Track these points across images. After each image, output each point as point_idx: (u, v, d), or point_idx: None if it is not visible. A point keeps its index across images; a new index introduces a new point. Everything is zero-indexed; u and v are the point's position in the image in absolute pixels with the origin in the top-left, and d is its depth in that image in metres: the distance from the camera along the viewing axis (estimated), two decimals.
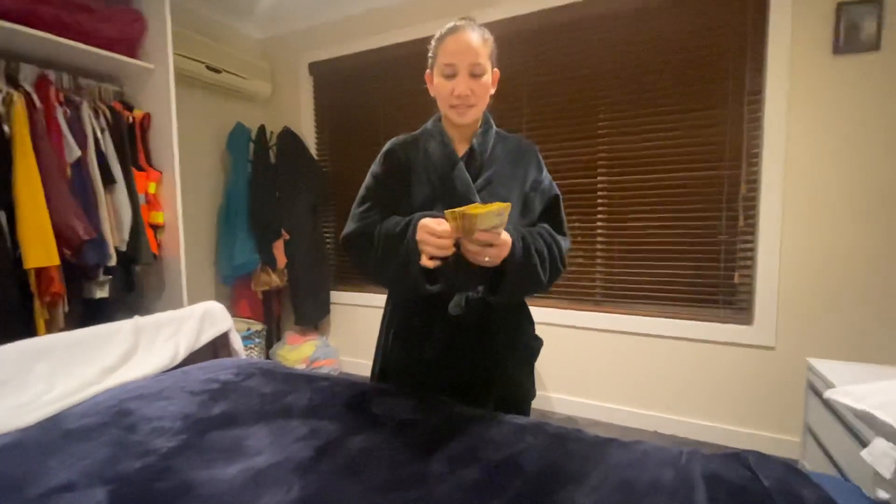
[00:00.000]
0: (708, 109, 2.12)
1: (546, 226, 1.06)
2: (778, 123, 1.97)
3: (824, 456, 1.36)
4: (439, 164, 1.03)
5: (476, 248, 0.87)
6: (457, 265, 0.92)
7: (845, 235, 1.91)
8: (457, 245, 0.88)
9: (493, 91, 1.05)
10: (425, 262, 0.86)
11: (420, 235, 0.88)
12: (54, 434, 0.91)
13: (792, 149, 1.97)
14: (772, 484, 0.72)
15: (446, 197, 1.00)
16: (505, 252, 0.89)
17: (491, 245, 0.87)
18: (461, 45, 0.97)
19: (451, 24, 1.00)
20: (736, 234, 2.11)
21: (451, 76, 0.98)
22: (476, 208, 0.80)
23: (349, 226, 1.05)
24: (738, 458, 0.81)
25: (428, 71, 1.05)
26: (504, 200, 0.91)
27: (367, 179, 1.08)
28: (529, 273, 0.94)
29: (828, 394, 0.85)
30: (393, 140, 1.10)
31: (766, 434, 2.07)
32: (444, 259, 0.87)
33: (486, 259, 0.88)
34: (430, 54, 1.04)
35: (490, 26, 1.05)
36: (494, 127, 1.11)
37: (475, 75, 0.98)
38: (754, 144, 2.05)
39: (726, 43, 2.07)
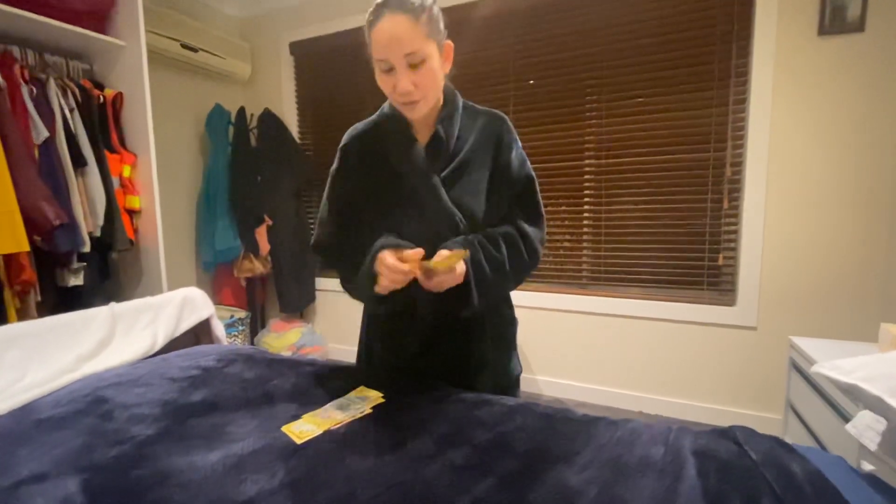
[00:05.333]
0: (695, 92, 2.11)
1: (504, 228, 0.97)
2: (763, 105, 1.98)
3: (806, 431, 1.39)
4: (399, 156, 0.95)
5: (435, 285, 0.85)
6: (418, 293, 0.90)
7: (828, 218, 1.93)
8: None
9: (447, 68, 0.92)
10: (380, 288, 0.87)
11: (379, 268, 0.86)
12: (26, 423, 0.87)
13: (776, 130, 1.97)
14: (759, 457, 0.72)
15: (408, 190, 0.94)
16: (461, 278, 0.87)
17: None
18: (387, 36, 0.82)
19: (375, 3, 0.84)
20: (720, 216, 2.13)
21: (388, 71, 0.86)
22: (438, 263, 0.81)
23: (316, 232, 1.04)
24: (727, 433, 0.82)
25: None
26: (473, 189, 0.94)
27: (328, 180, 1.03)
28: (487, 285, 0.91)
29: (815, 368, 0.85)
30: (349, 133, 1.02)
31: (749, 412, 2.11)
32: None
33: (445, 287, 0.87)
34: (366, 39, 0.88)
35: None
36: (460, 104, 0.99)
37: (414, 65, 0.84)
38: (739, 126, 2.05)
39: (713, 24, 2.05)
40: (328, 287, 3.06)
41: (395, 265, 0.82)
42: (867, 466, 0.90)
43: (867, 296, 1.89)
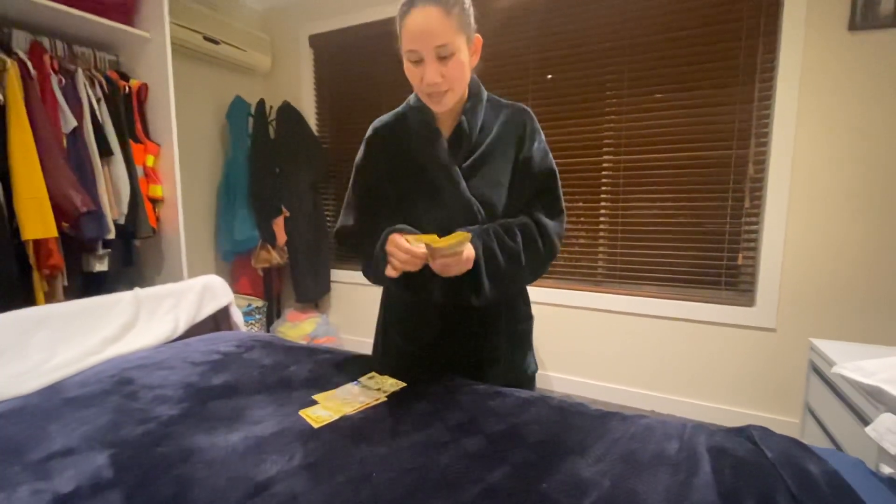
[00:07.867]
0: (718, 88, 2.07)
1: (521, 219, 0.97)
2: (789, 102, 1.93)
3: (824, 435, 1.36)
4: (422, 147, 0.97)
5: (440, 267, 0.86)
6: (432, 277, 0.90)
7: (853, 219, 1.88)
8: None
9: (475, 62, 0.93)
10: (389, 272, 0.87)
11: (389, 248, 0.87)
12: (55, 401, 0.91)
13: (802, 128, 1.93)
14: (776, 457, 0.71)
15: (428, 180, 0.96)
16: (469, 264, 0.87)
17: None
18: (419, 27, 0.82)
19: None
20: (741, 215, 2.09)
21: (417, 62, 0.86)
22: (438, 241, 0.82)
23: (340, 220, 1.06)
24: (742, 432, 0.81)
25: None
26: (493, 180, 0.96)
27: (353, 171, 1.05)
28: (500, 275, 0.92)
29: (835, 369, 0.84)
30: (375, 124, 1.04)
31: (766, 415, 2.08)
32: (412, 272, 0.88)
33: (453, 272, 0.87)
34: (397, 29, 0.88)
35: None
36: (485, 96, 1.00)
37: (443, 58, 0.85)
38: (763, 124, 2.01)
39: (740, 18, 2.01)
40: (343, 278, 3.10)
41: (404, 246, 0.84)
42: (886, 470, 0.88)
43: (892, 299, 1.84)
